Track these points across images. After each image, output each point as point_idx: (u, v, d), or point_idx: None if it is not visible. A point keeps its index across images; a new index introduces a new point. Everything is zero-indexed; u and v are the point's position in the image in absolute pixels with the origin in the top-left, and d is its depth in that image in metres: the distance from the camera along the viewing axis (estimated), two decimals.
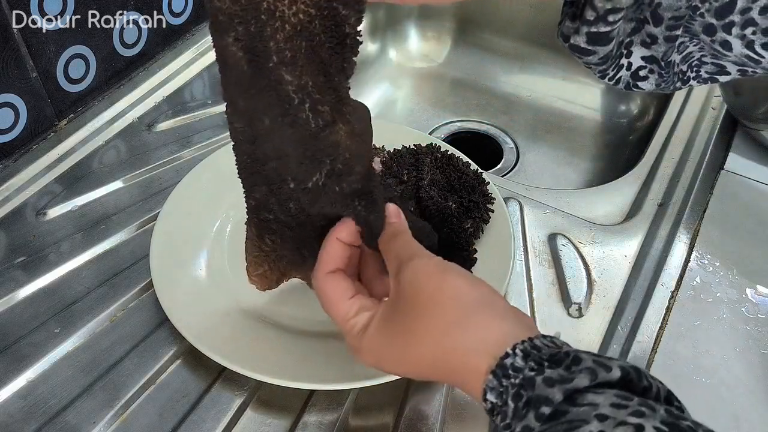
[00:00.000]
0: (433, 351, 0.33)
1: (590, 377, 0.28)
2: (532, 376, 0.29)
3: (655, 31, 0.35)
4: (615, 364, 0.28)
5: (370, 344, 0.36)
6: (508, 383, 0.29)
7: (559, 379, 0.28)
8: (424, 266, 0.35)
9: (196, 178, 0.57)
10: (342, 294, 0.38)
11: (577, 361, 0.28)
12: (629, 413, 0.26)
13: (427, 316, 0.33)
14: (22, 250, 0.55)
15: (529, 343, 0.30)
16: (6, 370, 0.46)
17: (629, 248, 0.56)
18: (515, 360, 0.30)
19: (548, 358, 0.29)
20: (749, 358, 0.48)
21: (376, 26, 0.95)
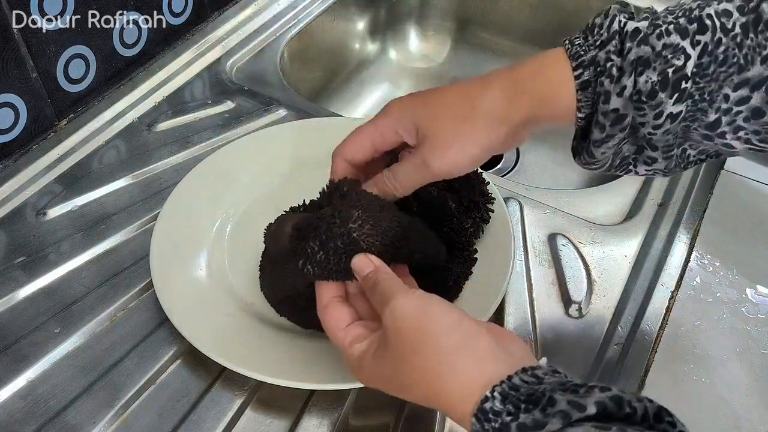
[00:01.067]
0: (423, 391, 0.34)
1: (563, 421, 0.28)
2: (508, 422, 0.29)
3: (654, 155, 0.38)
4: (591, 401, 0.28)
5: (367, 372, 0.37)
6: (489, 427, 0.30)
7: (532, 425, 0.29)
8: (402, 311, 0.35)
9: (196, 178, 0.57)
10: (336, 324, 0.39)
11: (552, 403, 0.29)
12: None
13: (411, 362, 0.34)
14: (22, 250, 0.55)
15: (508, 384, 0.31)
16: (6, 370, 0.46)
17: (629, 248, 0.56)
18: (494, 404, 0.30)
19: (525, 399, 0.30)
20: (749, 358, 0.48)
21: (376, 26, 0.95)
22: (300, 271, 0.40)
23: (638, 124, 0.37)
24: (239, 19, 0.80)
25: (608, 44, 0.36)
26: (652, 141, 0.37)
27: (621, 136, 0.37)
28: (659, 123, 0.36)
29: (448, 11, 0.97)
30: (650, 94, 0.35)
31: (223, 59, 0.76)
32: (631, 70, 0.35)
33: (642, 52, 0.34)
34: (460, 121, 0.40)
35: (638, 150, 0.39)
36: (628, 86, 0.35)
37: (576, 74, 0.37)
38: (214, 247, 0.53)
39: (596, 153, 0.39)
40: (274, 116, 0.68)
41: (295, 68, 0.82)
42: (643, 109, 0.35)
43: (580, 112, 0.38)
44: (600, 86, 0.36)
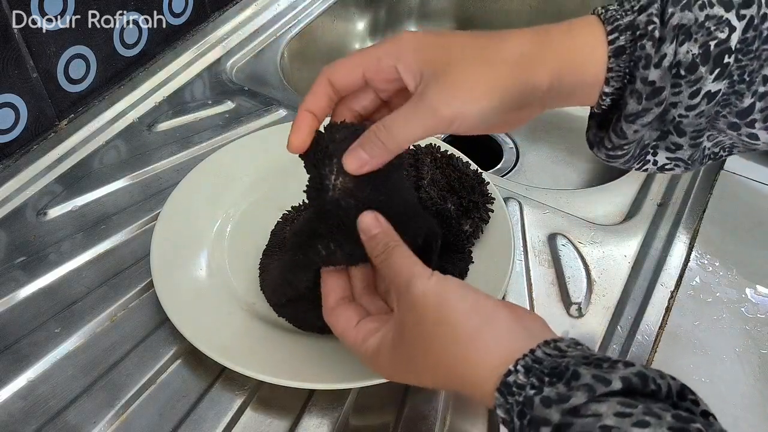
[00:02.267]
0: (445, 374, 0.34)
1: (588, 395, 0.28)
2: (532, 396, 0.29)
3: (680, 141, 0.36)
4: (616, 376, 0.28)
5: (386, 364, 0.37)
6: (513, 401, 0.30)
7: (556, 398, 0.28)
8: (422, 292, 0.34)
9: (197, 178, 0.57)
10: (346, 324, 0.38)
11: (576, 377, 0.28)
12: (633, 423, 0.26)
13: (432, 344, 0.33)
14: (22, 250, 0.55)
15: (531, 357, 0.31)
16: (6, 370, 0.46)
17: (629, 248, 0.56)
18: (517, 377, 0.30)
19: (549, 372, 0.30)
20: (749, 358, 0.48)
21: (376, 26, 0.95)
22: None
23: (669, 105, 0.34)
24: (239, 20, 0.80)
25: (649, 8, 0.33)
26: (681, 125, 0.35)
27: (656, 112, 0.34)
28: (694, 103, 0.34)
29: (448, 11, 0.97)
30: (690, 67, 0.33)
31: (224, 59, 0.76)
32: (673, 36, 0.32)
33: (685, 19, 0.32)
34: (478, 63, 0.34)
35: (661, 136, 0.36)
36: (668, 55, 0.33)
37: (610, 39, 0.34)
38: (214, 247, 0.53)
39: (628, 131, 0.35)
40: (274, 116, 0.68)
41: (295, 68, 0.82)
42: (680, 86, 0.33)
43: (608, 85, 0.35)
44: (640, 50, 0.33)
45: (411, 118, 0.35)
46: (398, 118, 0.35)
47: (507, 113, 0.35)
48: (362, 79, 0.37)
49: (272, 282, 0.48)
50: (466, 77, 0.34)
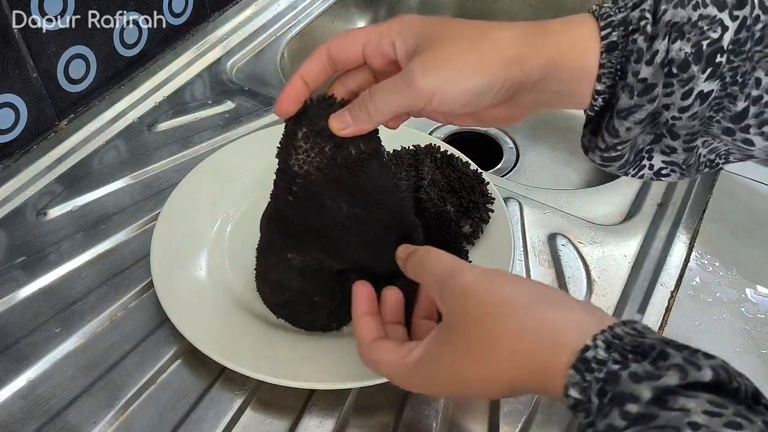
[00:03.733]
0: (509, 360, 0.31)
1: (680, 375, 0.26)
2: (617, 370, 0.27)
3: (674, 144, 0.36)
4: (706, 364, 0.27)
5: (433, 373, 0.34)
6: (592, 377, 0.28)
7: (645, 375, 0.27)
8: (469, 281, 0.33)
9: (197, 178, 0.57)
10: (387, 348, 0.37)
11: (664, 356, 0.27)
12: (725, 424, 0.25)
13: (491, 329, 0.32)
14: (22, 250, 0.55)
15: (610, 333, 0.29)
16: (6, 370, 0.46)
17: (629, 248, 0.56)
18: (597, 352, 0.28)
19: (632, 350, 0.28)
20: (749, 358, 0.48)
21: None
22: None
23: (662, 107, 0.34)
24: (239, 20, 0.80)
25: (642, 4, 0.33)
26: (675, 127, 0.35)
27: (648, 109, 0.34)
28: (687, 104, 0.34)
29: (447, 11, 0.97)
30: (682, 65, 0.33)
31: (224, 59, 0.76)
32: (666, 32, 0.33)
33: (677, 16, 0.32)
34: (467, 44, 0.34)
35: (655, 139, 0.36)
36: (660, 51, 0.33)
37: (603, 34, 0.34)
38: (214, 247, 0.53)
39: (621, 128, 0.35)
40: (274, 116, 0.68)
41: (295, 68, 0.81)
42: (672, 85, 0.33)
43: (600, 82, 0.35)
44: (632, 44, 0.33)
45: (393, 89, 0.35)
46: (382, 87, 0.36)
47: (494, 101, 0.35)
48: (361, 55, 0.37)
49: (266, 284, 0.48)
50: (453, 54, 0.34)
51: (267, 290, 0.48)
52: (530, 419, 0.44)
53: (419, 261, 0.37)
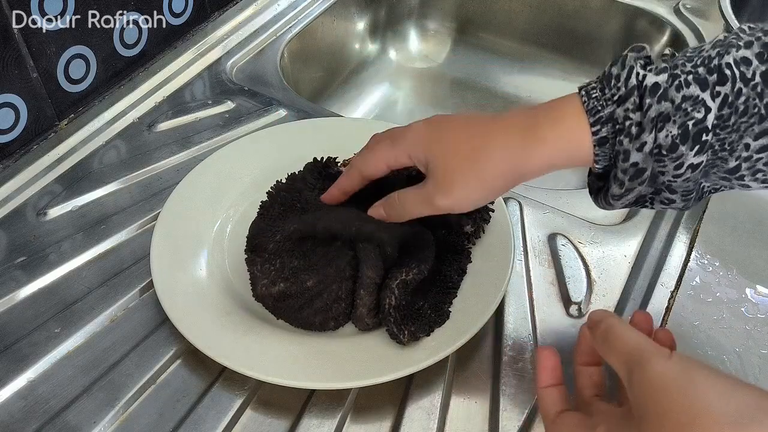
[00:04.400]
0: None
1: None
2: None
3: (672, 197, 0.38)
4: None
5: None
6: None
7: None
8: (660, 375, 0.30)
9: (197, 178, 0.57)
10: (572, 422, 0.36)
11: None
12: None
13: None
14: (22, 250, 0.55)
15: None
16: (6, 370, 0.46)
17: (629, 248, 0.56)
18: None
19: None
20: (749, 358, 0.48)
21: (376, 26, 0.95)
22: None
23: (658, 173, 0.36)
24: (239, 20, 0.80)
25: (626, 101, 0.35)
26: (672, 186, 0.37)
27: (640, 189, 0.37)
28: (680, 173, 0.35)
29: (448, 11, 0.97)
30: (671, 148, 0.34)
31: (224, 59, 0.76)
32: (652, 127, 0.34)
33: (663, 108, 0.34)
34: (468, 165, 0.40)
35: (656, 192, 0.38)
36: (648, 142, 0.35)
37: (593, 130, 0.36)
38: (214, 247, 0.53)
39: (615, 204, 0.39)
40: (274, 116, 0.68)
41: (295, 68, 0.82)
42: (663, 161, 0.35)
43: (598, 164, 0.38)
44: (619, 145, 0.35)
45: (418, 203, 0.43)
46: (409, 199, 0.44)
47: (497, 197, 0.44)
48: (387, 170, 0.45)
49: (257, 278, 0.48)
50: (459, 177, 0.40)
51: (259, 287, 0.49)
52: (530, 420, 0.44)
53: (603, 336, 0.35)
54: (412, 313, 0.45)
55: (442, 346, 0.45)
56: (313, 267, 0.46)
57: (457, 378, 0.47)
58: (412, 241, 0.48)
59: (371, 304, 0.46)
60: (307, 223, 0.46)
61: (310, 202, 0.49)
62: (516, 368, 0.47)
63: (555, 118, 0.38)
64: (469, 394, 0.46)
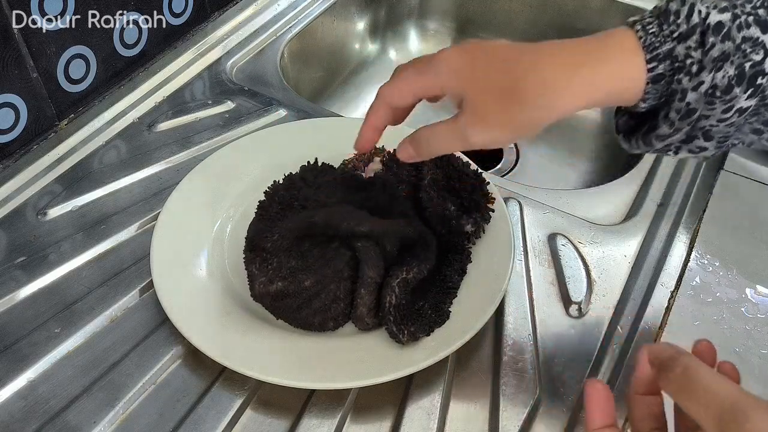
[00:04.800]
0: None
1: None
2: None
3: (706, 144, 0.37)
4: None
5: None
6: None
7: None
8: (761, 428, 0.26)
9: (197, 178, 0.57)
10: None
11: None
12: None
13: None
14: (22, 250, 0.55)
15: None
16: (6, 370, 0.46)
17: (629, 248, 0.56)
18: None
19: None
20: (749, 358, 0.48)
21: (376, 26, 0.95)
22: None
23: (701, 116, 0.35)
24: (239, 20, 0.80)
25: (688, 39, 0.34)
26: (710, 132, 0.36)
27: (686, 131, 0.36)
28: (726, 117, 0.35)
29: (448, 11, 0.97)
30: (726, 89, 0.34)
31: (224, 59, 0.76)
32: (712, 66, 0.33)
33: (725, 48, 0.33)
34: (508, 100, 0.36)
35: (687, 140, 0.37)
36: (706, 82, 0.34)
37: (650, 67, 0.35)
38: (214, 247, 0.53)
39: (656, 144, 0.37)
40: (274, 116, 0.68)
41: (295, 68, 0.82)
42: (714, 103, 0.34)
43: (644, 102, 0.36)
44: (677, 84, 0.34)
45: (450, 137, 0.40)
46: (440, 133, 0.40)
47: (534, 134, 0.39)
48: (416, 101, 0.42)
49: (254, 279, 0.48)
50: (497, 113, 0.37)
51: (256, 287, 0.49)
52: (530, 420, 0.44)
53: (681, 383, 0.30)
54: (412, 313, 0.45)
55: (442, 346, 0.45)
56: (310, 267, 0.46)
57: (457, 378, 0.47)
58: (413, 240, 0.48)
59: (371, 304, 0.46)
60: (304, 220, 0.46)
61: (309, 199, 0.49)
62: (516, 368, 0.47)
63: (606, 53, 0.36)
64: (469, 394, 0.46)
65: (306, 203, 0.49)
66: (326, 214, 0.46)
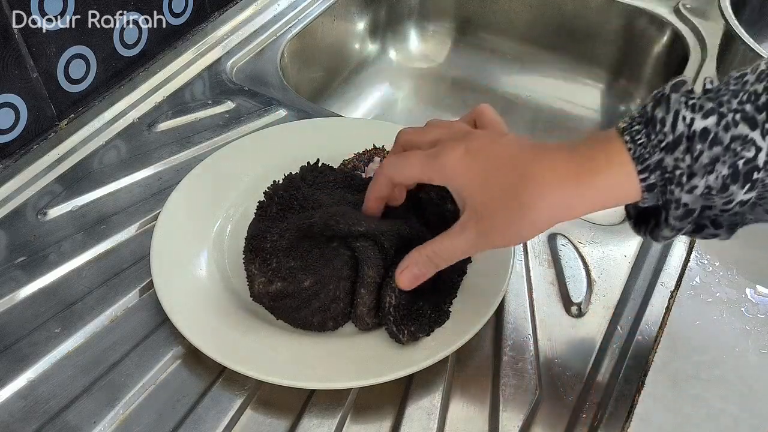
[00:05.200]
0: None
1: None
2: None
3: (717, 232, 0.38)
4: None
5: None
6: None
7: None
8: None
9: (197, 178, 0.57)
10: None
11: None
12: None
13: None
14: (22, 250, 0.55)
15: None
16: (6, 370, 0.46)
17: (629, 248, 0.56)
18: None
19: None
20: (749, 358, 0.48)
21: (376, 26, 0.95)
22: None
23: (704, 208, 0.36)
24: (239, 20, 0.80)
25: (675, 149, 0.34)
26: (718, 220, 0.37)
27: (692, 223, 0.37)
28: (728, 209, 0.35)
29: (448, 11, 0.97)
30: (721, 189, 0.34)
31: (224, 59, 0.76)
32: (704, 172, 0.33)
33: (714, 153, 0.33)
34: (517, 212, 0.38)
35: (697, 229, 0.38)
36: (700, 186, 0.34)
37: (642, 177, 0.35)
38: (214, 247, 0.53)
39: (661, 241, 0.39)
40: (274, 116, 0.68)
41: (295, 68, 0.82)
42: (712, 200, 0.35)
43: (644, 203, 0.37)
44: (670, 194, 0.35)
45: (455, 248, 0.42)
46: (445, 246, 0.42)
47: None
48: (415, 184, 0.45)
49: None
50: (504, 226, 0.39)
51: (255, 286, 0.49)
52: (530, 420, 0.44)
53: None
54: (412, 313, 0.45)
55: (442, 346, 0.45)
56: (309, 267, 0.46)
57: (457, 378, 0.47)
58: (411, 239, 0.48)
59: (371, 304, 0.46)
60: (304, 220, 0.46)
61: (308, 199, 0.49)
62: (516, 368, 0.47)
63: (599, 166, 0.36)
64: (469, 394, 0.46)
65: (305, 203, 0.49)
66: (325, 214, 0.46)
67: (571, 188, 0.37)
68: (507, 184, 0.38)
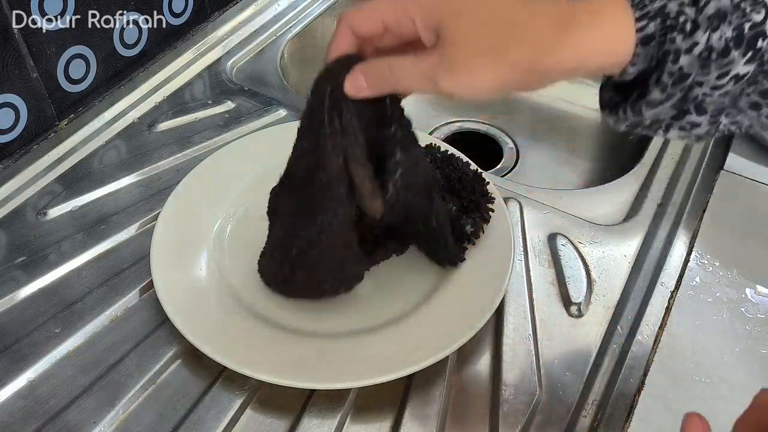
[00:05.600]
0: None
1: None
2: None
3: (699, 119, 0.34)
4: None
5: None
6: None
7: None
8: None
9: (197, 178, 0.57)
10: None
11: None
12: None
13: None
14: (22, 250, 0.55)
15: None
16: (6, 370, 0.46)
17: (629, 248, 0.56)
18: None
19: None
20: (749, 358, 0.48)
21: None
22: None
23: (695, 83, 0.33)
24: (239, 20, 0.80)
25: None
26: (704, 104, 0.33)
27: (678, 96, 0.33)
28: (720, 83, 0.32)
29: None
30: (722, 52, 0.31)
31: (224, 59, 0.76)
32: (707, 26, 0.31)
33: (721, 5, 0.31)
34: (486, 45, 0.33)
35: (678, 115, 0.34)
36: (701, 43, 0.31)
37: (639, 26, 0.32)
38: (214, 247, 0.53)
39: (647, 113, 0.34)
40: (274, 116, 0.68)
41: (295, 68, 0.82)
42: (708, 68, 0.32)
43: (633, 66, 0.34)
44: (670, 43, 0.32)
45: (416, 75, 0.35)
46: (405, 67, 0.36)
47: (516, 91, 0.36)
48: (383, 28, 0.37)
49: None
50: (477, 52, 0.33)
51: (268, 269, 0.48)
52: (530, 420, 0.44)
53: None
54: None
55: (442, 346, 0.45)
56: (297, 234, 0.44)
57: (457, 378, 0.47)
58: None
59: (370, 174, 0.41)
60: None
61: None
62: (516, 368, 0.47)
63: (593, 10, 0.33)
64: (469, 394, 0.46)
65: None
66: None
67: (548, 31, 0.33)
68: (486, 20, 0.33)
